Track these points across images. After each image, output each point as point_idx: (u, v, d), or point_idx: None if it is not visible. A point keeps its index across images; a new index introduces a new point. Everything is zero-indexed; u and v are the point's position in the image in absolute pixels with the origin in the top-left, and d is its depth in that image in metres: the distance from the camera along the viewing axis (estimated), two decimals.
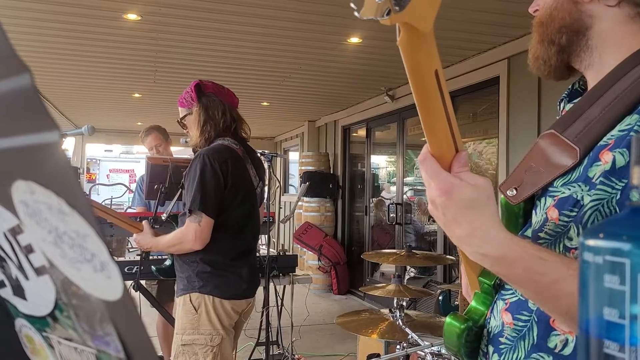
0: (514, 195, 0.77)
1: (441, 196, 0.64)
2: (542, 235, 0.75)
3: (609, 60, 0.75)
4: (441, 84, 0.60)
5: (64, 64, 4.70)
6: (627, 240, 0.32)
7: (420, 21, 0.54)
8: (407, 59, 0.57)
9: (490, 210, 0.65)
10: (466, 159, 0.66)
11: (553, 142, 0.76)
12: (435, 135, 0.64)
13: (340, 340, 4.62)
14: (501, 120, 3.99)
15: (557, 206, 0.73)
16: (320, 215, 6.98)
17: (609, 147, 0.68)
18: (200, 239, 1.92)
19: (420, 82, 0.60)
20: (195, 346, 1.95)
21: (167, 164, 2.69)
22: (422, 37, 0.56)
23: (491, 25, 3.50)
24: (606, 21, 0.75)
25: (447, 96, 0.61)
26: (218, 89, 2.11)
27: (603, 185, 0.67)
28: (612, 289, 0.32)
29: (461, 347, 0.83)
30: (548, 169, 0.75)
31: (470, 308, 0.86)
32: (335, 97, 6.14)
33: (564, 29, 0.78)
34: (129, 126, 9.25)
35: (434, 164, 0.65)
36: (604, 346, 0.33)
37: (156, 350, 0.36)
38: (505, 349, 0.78)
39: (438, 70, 0.59)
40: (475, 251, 0.66)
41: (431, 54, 0.58)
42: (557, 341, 0.72)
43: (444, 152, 0.65)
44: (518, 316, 0.77)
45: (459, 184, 0.64)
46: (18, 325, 0.51)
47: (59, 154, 0.32)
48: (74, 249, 0.36)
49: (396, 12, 0.52)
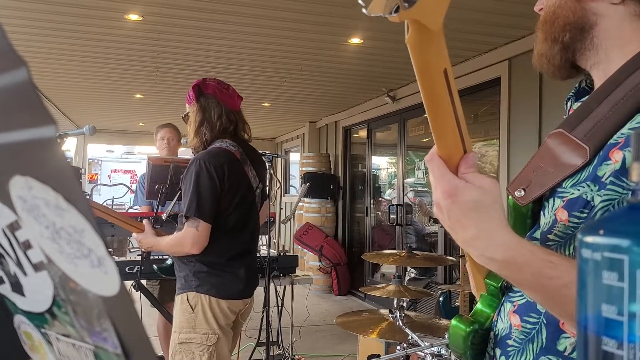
0: (522, 196, 0.76)
1: (446, 199, 0.63)
2: (551, 237, 0.73)
3: (615, 58, 0.74)
4: (450, 83, 0.58)
5: (65, 64, 4.71)
6: (626, 236, 0.32)
7: (430, 19, 0.53)
8: (416, 58, 0.56)
9: (497, 212, 0.63)
10: (474, 160, 0.64)
11: (562, 142, 0.74)
12: (443, 136, 0.63)
13: (341, 341, 4.61)
14: (502, 122, 3.98)
15: (566, 207, 0.71)
16: (321, 216, 6.98)
17: (619, 146, 0.67)
18: (197, 244, 1.92)
19: (428, 82, 0.58)
20: (191, 345, 1.95)
21: (168, 164, 2.69)
22: (431, 36, 0.54)
23: (492, 26, 3.50)
24: (611, 19, 0.75)
25: (456, 96, 0.60)
26: (220, 89, 2.09)
27: (614, 185, 0.66)
28: (610, 285, 0.32)
29: (467, 349, 0.82)
30: (557, 169, 0.73)
31: (476, 310, 0.85)
32: (336, 97, 6.14)
33: (568, 27, 0.77)
34: (130, 127, 9.26)
35: (440, 165, 0.64)
36: (602, 343, 0.33)
37: (154, 347, 0.36)
38: (513, 352, 0.77)
39: (447, 70, 0.58)
40: (482, 254, 0.64)
41: (440, 52, 0.56)
42: (566, 344, 0.71)
43: (451, 153, 0.64)
44: (526, 318, 0.76)
45: (464, 186, 0.63)
46: (17, 322, 0.51)
47: (56, 149, 0.32)
48: (71, 245, 0.36)
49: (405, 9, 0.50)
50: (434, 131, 0.63)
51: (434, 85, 0.58)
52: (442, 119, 0.61)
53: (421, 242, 5.35)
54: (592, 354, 0.33)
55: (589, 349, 0.34)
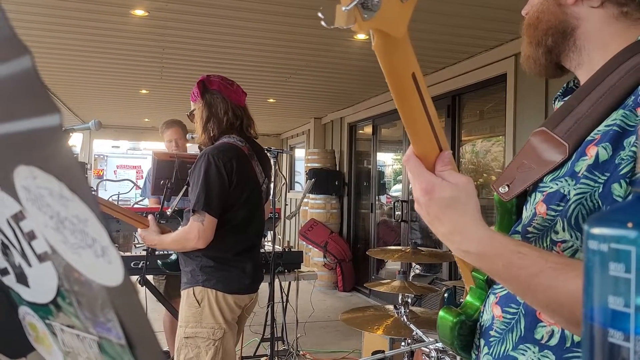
0: (506, 192, 0.79)
1: (423, 196, 0.67)
2: (531, 229, 0.76)
3: (597, 59, 0.77)
4: (420, 86, 0.62)
5: (71, 59, 4.72)
6: (633, 227, 0.32)
7: (392, 27, 0.56)
8: (383, 63, 0.59)
9: (472, 208, 0.67)
10: (449, 158, 0.68)
11: (544, 139, 0.77)
12: (417, 135, 0.66)
13: (345, 337, 4.62)
14: (508, 118, 3.96)
15: (545, 201, 0.74)
16: (325, 212, 6.98)
17: (595, 142, 0.70)
18: (203, 238, 1.92)
19: (397, 85, 0.62)
20: (197, 339, 1.96)
21: (173, 160, 2.70)
22: (395, 42, 0.58)
23: (498, 22, 3.48)
24: (591, 22, 0.77)
25: (427, 98, 0.63)
26: (225, 85, 2.09)
27: (586, 179, 0.69)
28: (617, 277, 0.32)
29: (454, 339, 0.85)
30: (539, 166, 0.76)
31: (465, 302, 0.88)
32: (342, 94, 6.13)
33: (550, 31, 0.80)
34: (136, 122, 9.28)
35: (417, 164, 0.68)
36: (609, 335, 0.32)
37: (157, 338, 0.36)
38: (495, 342, 0.80)
39: (415, 73, 0.61)
40: (458, 248, 0.69)
41: (407, 57, 0.60)
42: (543, 332, 0.73)
43: (427, 152, 0.68)
44: (507, 309, 0.78)
45: (440, 183, 0.67)
46: (22, 313, 0.52)
47: (61, 138, 0.32)
48: (75, 235, 0.36)
49: (365, 20, 0.53)
50: (408, 131, 0.67)
51: (402, 88, 0.62)
52: (414, 119, 0.65)
53: (426, 238, 5.33)
54: (598, 346, 0.33)
55: (595, 341, 0.33)
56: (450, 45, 4.03)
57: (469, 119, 4.89)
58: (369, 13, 0.53)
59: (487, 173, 4.80)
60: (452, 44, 3.99)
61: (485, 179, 4.75)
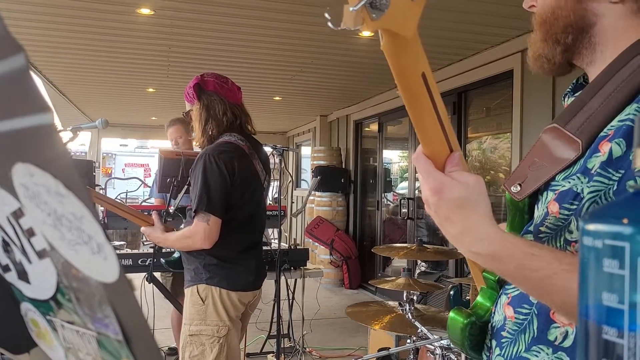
0: (518, 192, 0.77)
1: (433, 195, 0.66)
2: (543, 229, 0.74)
3: (609, 54, 0.75)
4: (430, 86, 0.61)
5: (78, 58, 4.75)
6: (627, 223, 0.31)
7: (401, 27, 0.54)
8: (392, 63, 0.58)
9: (482, 208, 0.65)
10: (459, 159, 0.67)
11: (556, 136, 0.75)
12: (427, 135, 0.65)
13: (351, 334, 4.62)
14: (515, 115, 3.94)
15: (557, 200, 0.72)
16: (332, 210, 6.98)
17: (609, 138, 0.68)
18: (209, 238, 1.92)
19: (407, 85, 0.60)
20: (202, 337, 1.97)
21: (179, 158, 2.71)
22: (405, 42, 0.56)
23: (504, 17, 3.45)
24: (609, 18, 0.75)
25: (437, 98, 0.62)
26: (220, 84, 2.07)
27: (600, 177, 0.67)
28: (611, 273, 0.32)
29: (465, 340, 0.84)
30: (551, 163, 0.74)
31: (476, 303, 0.87)
32: (347, 91, 6.11)
33: (570, 29, 0.77)
34: (143, 121, 9.32)
35: (426, 163, 0.66)
36: (603, 332, 0.32)
37: (153, 334, 0.37)
38: (507, 343, 0.78)
39: (425, 73, 0.60)
40: (468, 250, 0.67)
41: (417, 57, 0.58)
42: (557, 334, 0.72)
43: (437, 152, 0.66)
44: (519, 310, 0.77)
45: (450, 182, 0.65)
46: (24, 310, 0.52)
47: (55, 136, 0.32)
48: (72, 232, 0.36)
49: (373, 20, 0.52)
50: (418, 131, 0.65)
51: (412, 88, 0.60)
52: (424, 119, 0.63)
53: (433, 236, 5.32)
54: (592, 343, 0.33)
55: (589, 338, 0.33)
56: (456, 41, 4.01)
57: (475, 115, 4.87)
58: (377, 13, 0.52)
59: (494, 170, 4.78)
60: (458, 40, 3.97)
61: (492, 176, 4.73)
